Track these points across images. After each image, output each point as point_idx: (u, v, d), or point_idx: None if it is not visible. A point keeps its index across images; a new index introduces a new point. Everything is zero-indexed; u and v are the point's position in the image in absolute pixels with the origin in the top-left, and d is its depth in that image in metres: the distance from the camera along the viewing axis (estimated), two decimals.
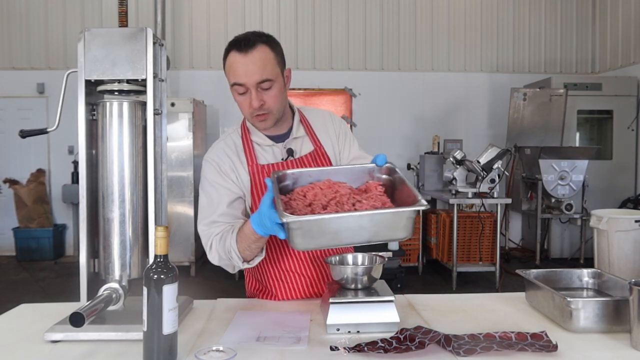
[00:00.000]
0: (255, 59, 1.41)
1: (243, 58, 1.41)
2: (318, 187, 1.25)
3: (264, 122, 1.50)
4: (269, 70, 1.43)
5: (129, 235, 1.38)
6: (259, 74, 1.41)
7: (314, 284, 1.65)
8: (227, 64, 1.46)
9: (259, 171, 1.54)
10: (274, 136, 1.59)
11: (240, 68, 1.42)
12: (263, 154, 1.58)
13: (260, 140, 1.58)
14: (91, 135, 1.42)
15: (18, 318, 1.49)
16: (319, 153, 1.60)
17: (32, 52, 6.80)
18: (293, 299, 1.63)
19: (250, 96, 1.44)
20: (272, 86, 1.44)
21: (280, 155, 1.58)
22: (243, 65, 1.41)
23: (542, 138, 6.31)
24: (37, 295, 4.97)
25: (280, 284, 1.63)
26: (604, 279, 1.57)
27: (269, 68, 1.43)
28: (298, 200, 1.24)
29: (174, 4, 6.87)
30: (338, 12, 7.02)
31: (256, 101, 1.43)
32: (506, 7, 7.22)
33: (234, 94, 1.49)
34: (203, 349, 1.14)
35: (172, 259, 1.13)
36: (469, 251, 5.48)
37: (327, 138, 1.64)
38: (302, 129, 1.62)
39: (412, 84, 7.02)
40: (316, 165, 1.58)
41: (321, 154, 1.61)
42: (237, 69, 1.42)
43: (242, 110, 1.50)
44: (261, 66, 1.41)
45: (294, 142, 1.60)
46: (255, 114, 1.47)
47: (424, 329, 1.26)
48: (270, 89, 1.45)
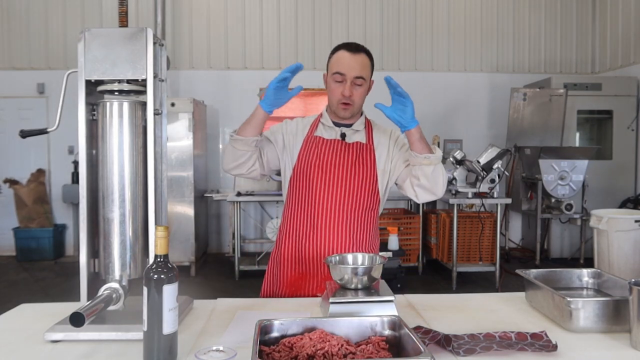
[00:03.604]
0: (359, 60, 1.75)
1: (351, 56, 1.74)
2: (308, 337, 1.13)
3: (345, 110, 1.78)
4: (365, 72, 1.76)
5: (129, 235, 1.38)
6: (358, 70, 1.73)
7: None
8: (334, 57, 1.78)
9: (310, 140, 1.83)
10: (338, 123, 1.85)
11: (346, 62, 1.74)
12: (322, 130, 1.86)
13: (325, 121, 1.86)
14: (91, 135, 1.42)
15: (18, 318, 1.49)
16: (367, 147, 1.83)
17: (32, 52, 6.80)
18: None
19: (345, 85, 1.74)
20: (362, 84, 1.76)
21: (334, 135, 1.84)
22: (349, 60, 1.74)
23: (542, 138, 6.31)
24: (37, 295, 4.96)
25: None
26: (604, 278, 1.57)
27: (366, 71, 1.76)
28: (282, 352, 1.11)
29: (174, 4, 6.87)
30: (338, 12, 7.02)
31: (348, 91, 1.74)
32: (506, 7, 7.21)
33: (329, 82, 1.79)
34: (203, 349, 1.14)
35: (172, 259, 1.13)
36: (469, 251, 5.48)
37: (379, 142, 1.85)
38: (363, 126, 1.87)
39: (412, 84, 6.99)
40: (360, 151, 1.80)
41: (369, 149, 1.83)
42: (343, 62, 1.74)
43: (333, 95, 1.78)
44: (362, 66, 1.75)
45: (351, 131, 1.85)
46: (342, 102, 1.76)
47: (424, 328, 1.26)
48: (360, 86, 1.76)
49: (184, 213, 5.78)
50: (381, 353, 1.12)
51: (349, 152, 1.81)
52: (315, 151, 1.81)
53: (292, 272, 1.82)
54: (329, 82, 1.80)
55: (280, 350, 1.11)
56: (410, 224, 5.68)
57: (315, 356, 1.08)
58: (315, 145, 1.82)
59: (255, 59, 6.93)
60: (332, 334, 1.16)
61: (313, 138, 1.84)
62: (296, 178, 1.81)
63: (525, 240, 7.01)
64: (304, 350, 1.09)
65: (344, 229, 1.78)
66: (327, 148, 1.81)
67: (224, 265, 6.10)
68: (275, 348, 1.13)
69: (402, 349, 1.13)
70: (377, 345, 1.14)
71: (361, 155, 1.81)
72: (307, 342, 1.11)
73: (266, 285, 1.88)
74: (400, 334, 1.16)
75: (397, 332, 1.17)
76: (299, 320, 1.20)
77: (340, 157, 1.80)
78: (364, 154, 1.82)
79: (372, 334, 1.19)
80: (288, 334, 1.17)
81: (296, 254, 1.81)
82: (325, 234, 1.77)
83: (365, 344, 1.14)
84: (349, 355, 1.09)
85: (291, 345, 1.12)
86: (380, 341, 1.16)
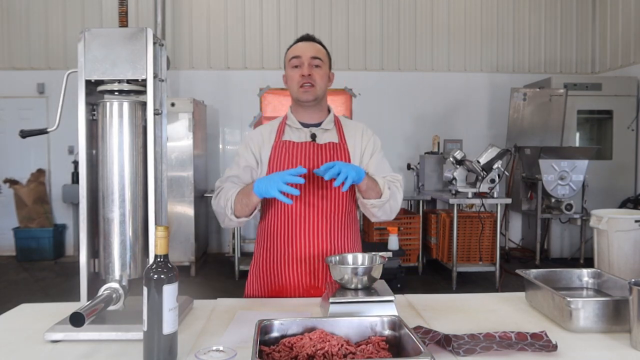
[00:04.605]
0: (313, 45, 1.76)
1: (305, 43, 1.76)
2: (308, 337, 1.13)
3: (307, 93, 1.72)
4: (322, 55, 1.74)
5: (129, 235, 1.38)
6: (314, 52, 1.73)
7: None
8: (289, 50, 1.77)
9: (280, 146, 1.75)
10: (306, 123, 1.79)
11: (300, 47, 1.75)
12: (290, 133, 1.78)
13: (291, 123, 1.79)
14: (91, 135, 1.42)
15: (18, 318, 1.49)
16: (340, 147, 1.76)
17: (32, 52, 6.80)
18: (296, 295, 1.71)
19: (303, 67, 1.71)
20: (321, 66, 1.73)
21: (304, 137, 1.76)
22: (303, 45, 1.75)
23: (542, 138, 6.31)
24: (37, 295, 4.96)
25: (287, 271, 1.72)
26: (604, 278, 1.57)
27: (322, 54, 1.75)
28: (283, 352, 1.11)
29: (174, 4, 6.87)
30: (338, 12, 7.02)
31: (307, 70, 1.70)
32: (506, 7, 7.21)
33: (287, 71, 1.76)
34: (203, 349, 1.14)
35: (172, 259, 1.13)
36: (469, 251, 5.48)
37: (353, 141, 1.79)
38: (332, 125, 1.81)
39: (412, 84, 7.02)
40: (334, 152, 1.74)
41: (342, 148, 1.76)
42: (298, 47, 1.75)
43: (292, 82, 1.74)
44: (317, 50, 1.74)
45: (321, 131, 1.78)
46: (303, 83, 1.71)
47: (424, 328, 1.26)
48: (319, 67, 1.73)
49: (184, 213, 5.78)
50: (381, 353, 1.12)
51: (322, 153, 1.72)
52: (286, 156, 1.71)
53: (272, 285, 1.74)
54: (287, 74, 1.77)
55: (280, 350, 1.11)
56: (410, 224, 5.68)
57: (315, 356, 1.07)
58: (286, 150, 1.72)
59: (255, 59, 6.93)
60: (332, 334, 1.15)
61: (282, 143, 1.74)
62: None
63: (525, 240, 7.01)
64: (304, 350, 1.08)
65: (323, 236, 1.69)
66: (298, 152, 1.71)
67: (224, 265, 6.10)
68: (275, 348, 1.12)
69: (402, 349, 1.13)
70: (377, 345, 1.14)
71: (335, 155, 1.72)
72: (307, 342, 1.11)
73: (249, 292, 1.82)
74: (400, 334, 1.16)
75: (397, 332, 1.17)
76: (299, 320, 1.20)
77: (313, 160, 1.70)
78: (338, 154, 1.74)
79: (372, 334, 1.19)
80: (288, 334, 1.17)
81: (275, 268, 1.73)
82: (304, 243, 1.69)
83: (365, 344, 1.14)
84: (349, 355, 1.08)
85: (291, 345, 1.12)
86: (380, 341, 1.15)
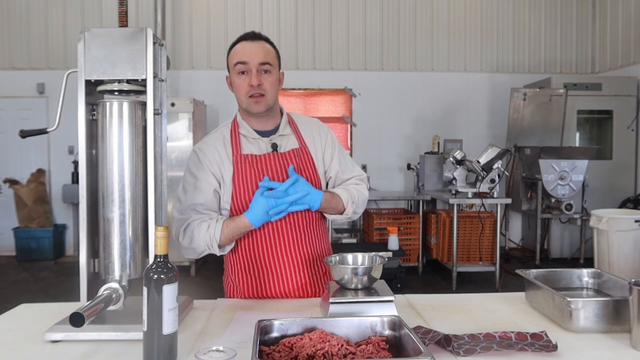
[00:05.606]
0: (260, 46, 1.59)
1: (251, 43, 1.59)
2: (308, 337, 1.13)
3: (258, 104, 1.59)
4: (271, 58, 1.60)
5: (129, 235, 1.38)
6: (262, 56, 1.57)
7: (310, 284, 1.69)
8: (232, 51, 1.61)
9: (242, 161, 1.62)
10: (261, 131, 1.67)
11: (246, 50, 1.58)
12: (248, 145, 1.66)
13: (246, 133, 1.67)
14: (91, 135, 1.42)
15: (18, 318, 1.49)
16: (303, 152, 1.68)
17: (32, 52, 6.81)
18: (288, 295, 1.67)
19: (251, 75, 1.57)
20: (271, 71, 1.59)
21: (265, 148, 1.66)
22: (249, 47, 1.58)
23: (542, 138, 6.31)
24: (37, 295, 4.97)
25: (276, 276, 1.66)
26: (604, 278, 1.57)
27: (271, 56, 1.60)
28: (282, 352, 1.10)
29: (174, 4, 6.87)
30: (338, 12, 7.02)
31: (255, 79, 1.56)
32: (506, 7, 7.22)
33: (233, 78, 1.61)
34: (203, 349, 1.14)
35: (172, 259, 1.13)
36: (469, 251, 5.48)
37: (312, 141, 1.72)
38: (288, 128, 1.71)
39: (412, 84, 7.02)
40: (298, 160, 1.65)
41: (305, 153, 1.68)
42: (243, 51, 1.58)
43: (240, 91, 1.60)
44: (265, 52, 1.59)
45: (280, 138, 1.68)
46: (252, 93, 1.58)
47: (424, 329, 1.26)
48: (269, 73, 1.59)
49: None
50: (381, 353, 1.12)
51: (286, 163, 1.63)
52: (250, 172, 1.60)
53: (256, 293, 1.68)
54: (232, 80, 1.62)
55: (280, 351, 1.11)
56: (410, 224, 5.68)
57: (315, 356, 1.07)
58: (249, 165, 1.61)
59: None
60: (332, 334, 1.15)
61: (243, 158, 1.62)
62: (237, 208, 1.61)
63: (525, 240, 7.01)
64: (304, 351, 1.08)
65: (297, 251, 1.64)
66: (262, 165, 1.61)
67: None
68: (275, 348, 1.12)
69: (402, 349, 1.13)
70: (377, 346, 1.14)
71: (301, 163, 1.65)
72: (307, 342, 1.11)
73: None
74: (400, 334, 1.16)
75: (397, 332, 1.17)
76: (299, 320, 1.20)
77: (279, 171, 1.62)
78: (303, 161, 1.66)
79: (372, 334, 1.19)
80: (288, 334, 1.17)
81: (249, 286, 1.68)
82: (277, 261, 1.63)
83: (365, 344, 1.14)
84: (349, 356, 1.08)
85: (291, 346, 1.12)
86: (380, 341, 1.15)
